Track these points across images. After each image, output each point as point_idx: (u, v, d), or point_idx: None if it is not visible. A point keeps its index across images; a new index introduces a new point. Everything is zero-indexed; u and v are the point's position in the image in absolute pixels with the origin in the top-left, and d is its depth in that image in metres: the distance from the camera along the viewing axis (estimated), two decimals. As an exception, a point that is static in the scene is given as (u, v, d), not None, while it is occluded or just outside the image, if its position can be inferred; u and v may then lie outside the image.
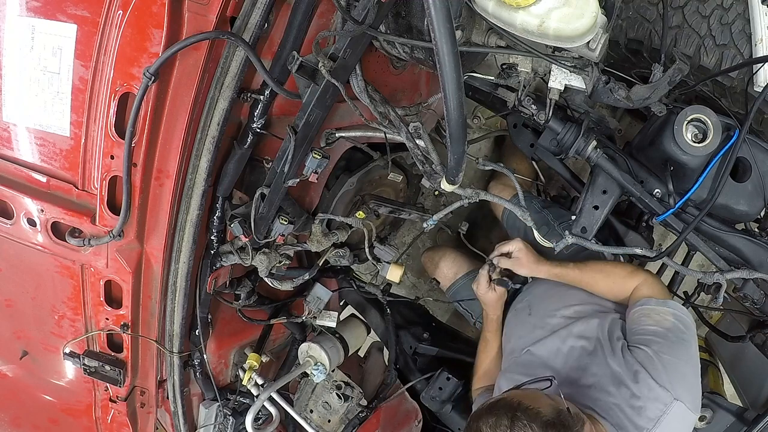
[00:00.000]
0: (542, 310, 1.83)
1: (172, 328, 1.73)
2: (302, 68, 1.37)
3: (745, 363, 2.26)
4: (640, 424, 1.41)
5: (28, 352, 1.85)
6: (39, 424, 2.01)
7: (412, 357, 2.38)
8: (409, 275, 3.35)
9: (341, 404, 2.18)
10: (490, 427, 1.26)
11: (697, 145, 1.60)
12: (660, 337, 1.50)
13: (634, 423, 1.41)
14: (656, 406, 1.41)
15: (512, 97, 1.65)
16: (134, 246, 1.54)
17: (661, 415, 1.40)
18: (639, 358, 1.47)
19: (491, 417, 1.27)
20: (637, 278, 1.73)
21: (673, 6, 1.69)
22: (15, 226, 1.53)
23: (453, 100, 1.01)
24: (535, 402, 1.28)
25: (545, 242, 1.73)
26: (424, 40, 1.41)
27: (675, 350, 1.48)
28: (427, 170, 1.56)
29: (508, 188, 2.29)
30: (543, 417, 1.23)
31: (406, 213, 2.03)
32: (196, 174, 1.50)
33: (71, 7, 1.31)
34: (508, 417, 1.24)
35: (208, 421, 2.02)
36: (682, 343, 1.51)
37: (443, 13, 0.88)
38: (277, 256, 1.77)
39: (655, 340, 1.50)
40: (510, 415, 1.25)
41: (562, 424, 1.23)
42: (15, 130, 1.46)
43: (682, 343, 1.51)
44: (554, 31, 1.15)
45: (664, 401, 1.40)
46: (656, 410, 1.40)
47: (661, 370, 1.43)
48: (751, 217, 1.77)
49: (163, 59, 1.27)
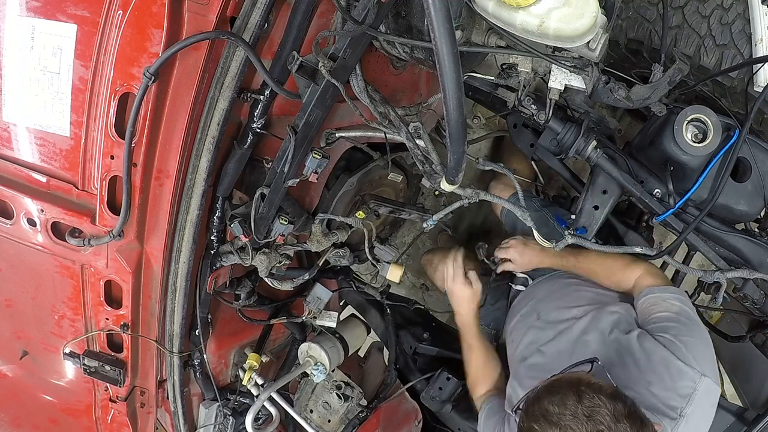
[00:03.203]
0: (550, 312, 1.83)
1: (172, 328, 1.73)
2: (302, 68, 1.37)
3: (745, 363, 2.26)
4: (673, 404, 1.43)
5: (28, 352, 1.85)
6: (39, 424, 2.01)
7: (412, 357, 2.38)
8: (409, 275, 3.35)
9: (341, 404, 2.18)
10: (557, 405, 1.22)
11: (697, 145, 1.60)
12: (674, 322, 1.55)
13: (667, 404, 1.43)
14: (686, 384, 1.44)
15: (512, 97, 1.65)
16: (134, 246, 1.54)
17: (692, 392, 1.43)
18: (662, 342, 1.50)
19: (555, 396, 1.24)
20: (636, 269, 1.76)
21: (673, 6, 1.69)
22: (15, 226, 1.53)
23: (453, 100, 1.01)
24: (592, 378, 1.30)
25: (545, 242, 1.72)
26: (424, 40, 1.41)
27: (690, 331, 1.53)
28: (427, 170, 1.56)
29: (508, 188, 2.29)
30: (606, 390, 1.23)
31: (406, 213, 2.02)
32: (196, 174, 1.50)
33: (71, 7, 1.31)
34: (573, 392, 1.22)
35: (208, 421, 2.02)
36: (693, 324, 1.56)
37: (443, 13, 0.88)
38: (277, 256, 1.77)
39: (670, 325, 1.54)
40: (575, 390, 1.23)
41: (620, 397, 1.24)
42: (15, 130, 1.46)
43: (693, 324, 1.56)
44: (554, 31, 1.15)
45: (692, 378, 1.44)
46: (687, 388, 1.44)
47: (684, 351, 1.47)
48: (751, 217, 1.77)
49: (163, 59, 1.27)
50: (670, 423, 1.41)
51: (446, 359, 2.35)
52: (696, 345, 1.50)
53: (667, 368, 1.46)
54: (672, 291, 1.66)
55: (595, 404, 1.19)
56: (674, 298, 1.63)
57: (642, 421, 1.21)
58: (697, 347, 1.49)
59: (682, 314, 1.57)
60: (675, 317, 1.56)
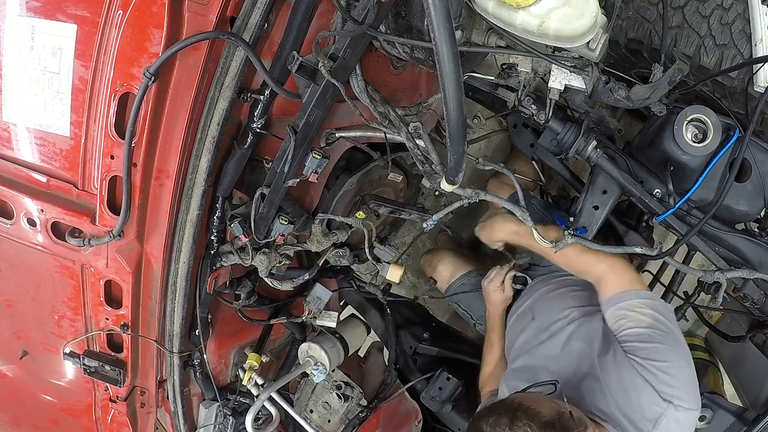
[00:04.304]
0: (545, 314, 1.83)
1: (172, 328, 1.73)
2: (302, 68, 1.37)
3: (745, 363, 2.26)
4: (640, 426, 1.43)
5: (28, 352, 1.85)
6: (39, 424, 2.01)
7: (412, 357, 2.38)
8: (409, 275, 3.35)
9: (341, 404, 2.18)
10: (490, 426, 1.27)
11: (697, 145, 1.60)
12: (644, 342, 1.49)
13: (635, 425, 1.43)
14: (654, 410, 1.43)
15: (512, 97, 1.65)
16: (134, 246, 1.54)
17: (659, 416, 1.42)
18: (633, 364, 1.48)
19: (492, 416, 1.29)
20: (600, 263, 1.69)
21: (673, 6, 1.69)
22: (15, 226, 1.53)
23: (453, 100, 1.01)
24: (536, 403, 1.29)
25: (545, 242, 1.72)
26: (424, 40, 1.41)
27: (663, 352, 1.47)
28: (427, 170, 1.56)
29: (507, 186, 2.29)
30: (542, 418, 1.24)
31: (406, 213, 2.02)
32: (196, 174, 1.50)
33: (71, 7, 1.31)
34: (508, 416, 1.26)
35: (208, 421, 2.02)
36: (667, 339, 1.50)
37: (443, 13, 0.88)
38: (277, 256, 1.77)
39: (639, 346, 1.49)
40: (510, 415, 1.26)
41: (562, 426, 1.24)
42: (15, 130, 1.46)
43: (666, 339, 1.50)
44: (554, 31, 1.15)
45: (659, 404, 1.43)
46: (654, 413, 1.43)
47: (654, 378, 1.44)
48: (751, 217, 1.77)
49: (163, 59, 1.27)
50: None
51: (446, 359, 2.35)
52: (668, 370, 1.44)
53: (636, 391, 1.45)
54: (641, 296, 1.59)
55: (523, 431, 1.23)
56: (643, 304, 1.56)
57: None
58: (669, 372, 1.44)
59: (653, 328, 1.51)
60: (646, 334, 1.50)
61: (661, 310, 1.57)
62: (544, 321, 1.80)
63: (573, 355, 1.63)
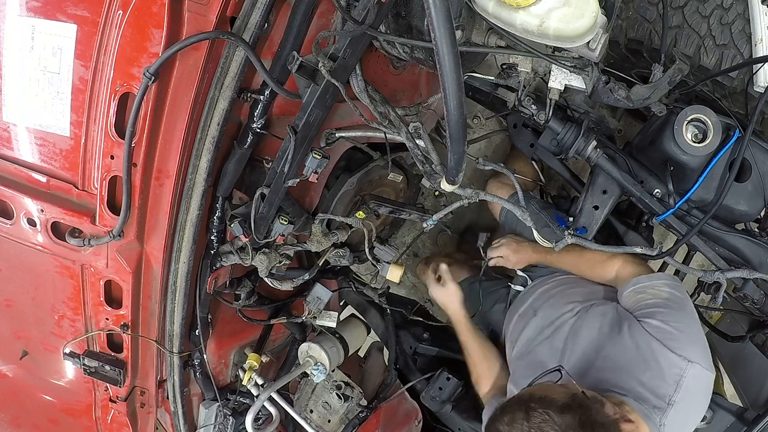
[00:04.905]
0: (548, 310, 1.83)
1: (172, 328, 1.73)
2: (302, 68, 1.37)
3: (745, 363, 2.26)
4: (662, 392, 1.42)
5: (28, 352, 1.85)
6: (39, 424, 2.01)
7: (412, 357, 2.38)
8: (409, 275, 3.35)
9: (341, 404, 2.18)
10: (507, 425, 1.25)
11: (697, 145, 1.60)
12: (662, 308, 1.53)
13: (655, 393, 1.42)
14: (674, 371, 1.43)
15: (512, 97, 1.65)
16: (134, 246, 1.54)
17: (680, 378, 1.42)
18: (648, 329, 1.49)
19: (506, 416, 1.27)
20: (616, 260, 1.77)
21: (673, 6, 1.69)
22: (15, 226, 1.53)
23: (453, 100, 1.01)
24: (546, 391, 1.29)
25: (545, 242, 1.73)
26: (424, 40, 1.41)
27: (679, 316, 1.51)
28: (427, 170, 1.56)
29: (507, 186, 2.29)
30: (557, 402, 1.23)
31: (406, 213, 2.03)
32: (196, 174, 1.50)
33: (71, 7, 1.31)
34: (522, 411, 1.24)
35: (208, 421, 2.02)
36: (684, 309, 1.55)
37: (443, 13, 0.88)
38: (277, 256, 1.77)
39: (658, 311, 1.53)
40: (524, 409, 1.24)
41: (579, 405, 1.23)
42: (15, 130, 1.45)
43: (683, 308, 1.55)
44: (554, 31, 1.15)
45: (679, 365, 1.43)
46: (674, 375, 1.42)
47: (671, 338, 1.46)
48: (751, 217, 1.77)
49: (163, 59, 1.27)
50: (659, 413, 1.40)
51: (446, 359, 2.35)
52: (684, 330, 1.48)
53: (653, 355, 1.45)
54: (660, 277, 1.65)
55: (543, 420, 1.21)
56: (663, 284, 1.61)
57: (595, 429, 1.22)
58: (685, 332, 1.47)
59: (671, 299, 1.56)
60: (663, 303, 1.55)
61: (679, 288, 1.62)
62: (547, 317, 1.80)
63: (580, 343, 1.63)
